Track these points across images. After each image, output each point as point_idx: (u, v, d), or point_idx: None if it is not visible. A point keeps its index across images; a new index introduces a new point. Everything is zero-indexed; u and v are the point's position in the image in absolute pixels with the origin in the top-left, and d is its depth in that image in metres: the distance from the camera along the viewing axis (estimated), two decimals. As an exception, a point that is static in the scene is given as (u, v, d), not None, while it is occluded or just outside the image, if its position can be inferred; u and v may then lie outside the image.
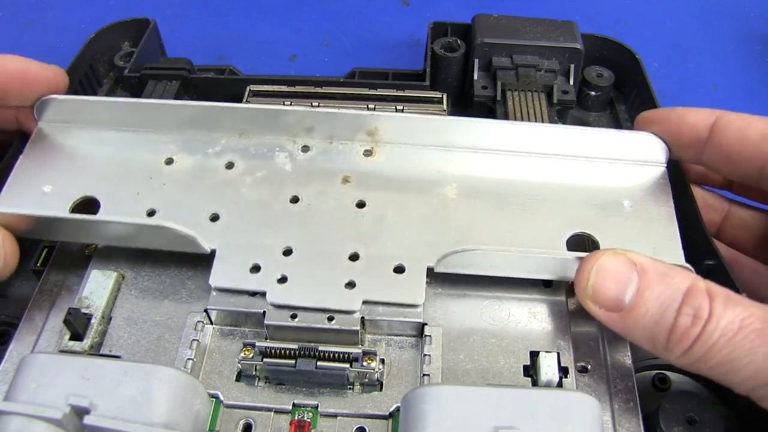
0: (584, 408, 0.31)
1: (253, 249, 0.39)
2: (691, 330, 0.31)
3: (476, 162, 0.44)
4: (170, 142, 0.45)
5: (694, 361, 0.32)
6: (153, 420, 0.30)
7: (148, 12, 0.61)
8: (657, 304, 0.32)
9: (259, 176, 0.43)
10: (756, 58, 0.71)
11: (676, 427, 0.35)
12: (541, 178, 0.43)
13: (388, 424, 0.36)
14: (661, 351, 0.33)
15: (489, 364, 0.37)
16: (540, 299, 0.40)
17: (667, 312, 0.32)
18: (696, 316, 0.31)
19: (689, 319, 0.31)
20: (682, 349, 0.32)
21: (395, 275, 0.38)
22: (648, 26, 0.75)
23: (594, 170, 0.43)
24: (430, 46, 0.56)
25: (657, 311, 0.32)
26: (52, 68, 0.45)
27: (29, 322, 0.39)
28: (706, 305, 0.31)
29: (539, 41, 0.54)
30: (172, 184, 0.43)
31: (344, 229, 0.41)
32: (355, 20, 0.75)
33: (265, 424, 0.36)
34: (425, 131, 0.44)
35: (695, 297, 0.32)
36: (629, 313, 0.33)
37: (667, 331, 0.32)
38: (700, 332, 0.31)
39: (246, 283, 0.38)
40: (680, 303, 0.32)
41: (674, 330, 0.32)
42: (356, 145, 0.45)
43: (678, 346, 0.32)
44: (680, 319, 0.32)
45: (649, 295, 0.32)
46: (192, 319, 0.39)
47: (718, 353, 0.31)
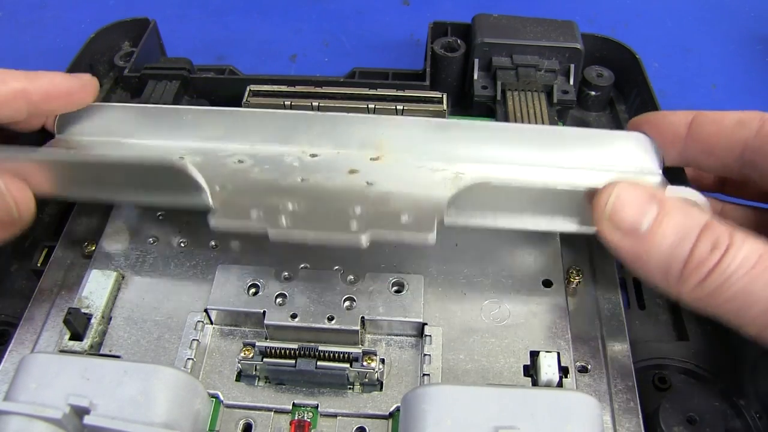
0: (584, 408, 0.31)
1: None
2: (708, 259, 0.31)
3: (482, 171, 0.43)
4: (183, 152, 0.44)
5: (706, 294, 0.31)
6: (153, 420, 0.30)
7: (148, 12, 0.61)
8: (675, 232, 0.32)
9: None
10: (756, 58, 0.71)
11: (676, 427, 0.35)
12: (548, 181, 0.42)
13: (388, 424, 0.36)
14: (674, 283, 0.32)
15: (489, 364, 0.37)
16: (540, 299, 0.40)
17: (685, 240, 0.32)
18: (715, 246, 0.31)
19: (708, 247, 0.31)
20: (696, 280, 0.31)
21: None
22: (648, 26, 0.75)
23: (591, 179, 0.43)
24: (430, 46, 0.56)
25: (675, 239, 0.32)
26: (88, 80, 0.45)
27: (29, 322, 0.39)
28: (726, 237, 0.31)
29: (539, 41, 0.54)
30: None
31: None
32: (355, 20, 0.75)
33: (265, 424, 0.36)
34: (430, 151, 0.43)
35: (714, 229, 0.32)
36: (646, 239, 0.32)
37: (683, 259, 0.31)
38: (718, 261, 0.31)
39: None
40: (699, 233, 0.32)
41: (691, 258, 0.31)
42: None
43: (693, 276, 0.31)
44: (699, 247, 0.31)
45: (668, 223, 0.32)
46: (192, 319, 0.39)
47: (734, 285, 0.30)
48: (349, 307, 0.38)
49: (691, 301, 0.32)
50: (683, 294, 0.32)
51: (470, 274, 0.41)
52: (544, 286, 0.40)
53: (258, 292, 0.39)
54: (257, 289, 0.39)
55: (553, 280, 0.41)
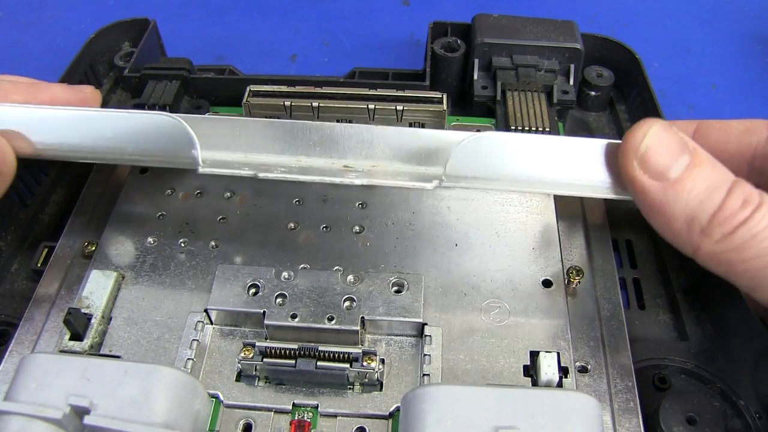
0: (584, 408, 0.31)
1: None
2: (739, 213, 0.30)
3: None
4: None
5: (729, 249, 0.31)
6: (153, 420, 0.30)
7: (148, 12, 0.61)
8: (706, 184, 0.31)
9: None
10: (756, 58, 0.71)
11: (676, 427, 0.35)
12: None
13: (388, 424, 0.36)
14: (697, 234, 0.31)
15: (489, 364, 0.37)
16: (540, 299, 0.40)
17: (715, 192, 0.31)
18: (747, 201, 0.30)
19: (739, 202, 0.30)
20: (722, 233, 0.30)
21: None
22: (648, 26, 0.75)
23: None
24: (430, 46, 0.56)
25: (704, 190, 0.31)
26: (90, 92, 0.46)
27: (29, 322, 0.39)
28: (757, 195, 0.31)
29: (539, 41, 0.54)
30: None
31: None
32: (355, 20, 0.75)
33: (265, 424, 0.36)
34: None
35: (745, 186, 0.31)
36: (674, 185, 0.32)
37: (712, 210, 0.31)
38: (748, 217, 0.30)
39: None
40: (731, 187, 0.31)
41: (721, 210, 0.31)
42: None
43: (719, 229, 0.31)
44: (730, 200, 0.31)
45: (699, 173, 0.31)
46: (192, 319, 0.39)
47: (760, 244, 0.30)
48: (349, 307, 0.38)
49: (710, 255, 0.31)
50: (703, 247, 0.31)
51: (470, 274, 0.41)
52: (544, 286, 0.40)
53: (258, 292, 0.39)
54: (257, 289, 0.39)
55: (553, 280, 0.41)
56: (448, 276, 0.41)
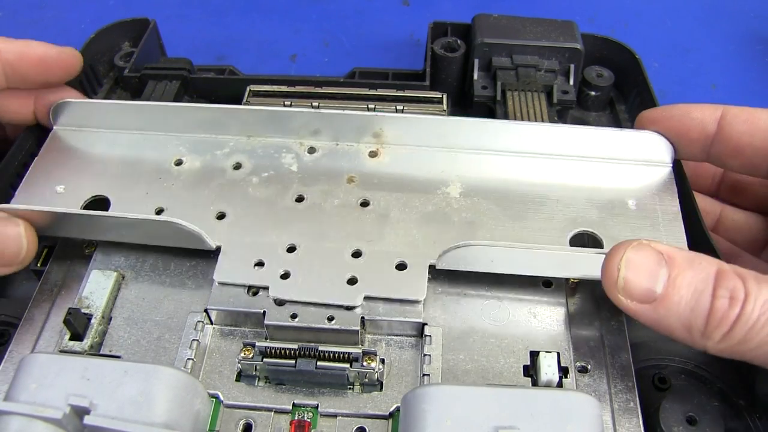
0: (584, 408, 0.31)
1: (258, 246, 0.40)
2: (729, 312, 0.30)
3: (480, 162, 0.44)
4: (180, 144, 0.46)
5: (733, 345, 0.31)
6: (153, 420, 0.30)
7: (148, 12, 0.61)
8: (690, 291, 0.31)
9: (266, 176, 0.44)
10: (756, 58, 0.71)
11: (676, 427, 0.35)
12: (545, 178, 0.44)
13: (388, 424, 0.36)
14: (698, 338, 0.32)
15: (489, 364, 0.37)
16: (540, 299, 0.40)
17: (702, 297, 0.31)
18: (733, 298, 0.30)
19: (726, 301, 0.30)
20: (721, 333, 0.31)
21: (397, 272, 0.39)
22: (648, 26, 0.75)
23: (598, 170, 0.44)
24: (430, 46, 0.56)
25: (691, 297, 0.31)
26: (69, 51, 0.46)
27: (29, 322, 0.39)
28: (741, 285, 0.31)
29: (539, 41, 0.54)
30: (180, 183, 0.44)
31: (347, 227, 0.41)
32: (355, 20, 0.75)
33: (265, 424, 0.36)
34: (430, 133, 0.45)
35: (727, 278, 0.31)
36: (662, 303, 0.32)
37: (704, 317, 0.31)
38: (740, 313, 0.30)
39: (249, 278, 0.39)
40: (713, 286, 0.31)
41: (712, 314, 0.31)
42: (362, 146, 0.46)
43: (717, 331, 0.31)
44: (717, 302, 0.31)
45: (681, 282, 0.32)
46: (192, 319, 0.39)
47: (760, 332, 0.30)
48: (349, 306, 0.38)
49: (719, 352, 0.32)
50: (710, 347, 0.32)
51: (470, 274, 0.41)
52: (544, 286, 0.40)
53: (258, 292, 0.39)
54: (257, 289, 0.39)
55: (553, 280, 0.41)
56: (448, 276, 0.41)
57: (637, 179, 0.43)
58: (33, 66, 0.44)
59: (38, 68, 0.44)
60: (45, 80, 0.45)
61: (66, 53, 0.45)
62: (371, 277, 0.38)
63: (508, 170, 0.44)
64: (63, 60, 0.45)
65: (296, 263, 0.39)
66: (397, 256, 0.39)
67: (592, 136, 0.44)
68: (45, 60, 0.44)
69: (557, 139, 0.44)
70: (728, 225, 0.46)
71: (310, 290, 0.38)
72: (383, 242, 0.40)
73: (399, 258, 0.39)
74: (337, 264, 0.39)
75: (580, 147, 0.44)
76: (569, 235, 0.41)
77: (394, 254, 0.40)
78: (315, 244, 0.40)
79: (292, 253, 0.40)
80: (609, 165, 0.44)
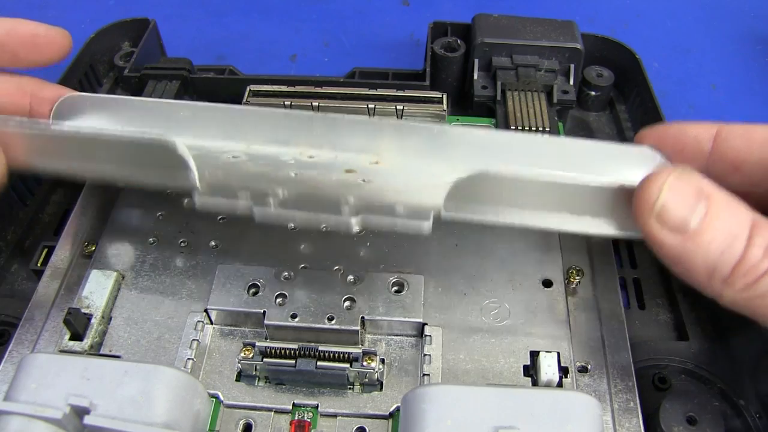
0: (584, 408, 0.31)
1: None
2: (761, 263, 0.30)
3: None
4: None
5: (753, 297, 0.30)
6: (153, 420, 0.30)
7: (148, 12, 0.61)
8: (725, 234, 0.31)
9: None
10: (756, 58, 0.71)
11: (676, 427, 0.35)
12: None
13: (388, 424, 0.36)
14: (718, 283, 0.31)
15: (489, 364, 0.37)
16: (540, 299, 0.40)
17: (735, 242, 0.30)
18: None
19: (760, 251, 0.30)
20: (745, 283, 0.30)
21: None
22: (648, 26, 0.75)
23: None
24: (430, 46, 0.56)
25: (724, 240, 0.30)
26: (58, 31, 0.45)
27: (29, 322, 0.39)
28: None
29: (539, 41, 0.54)
30: None
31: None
32: (355, 20, 0.75)
33: (265, 424, 0.36)
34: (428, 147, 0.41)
35: (764, 230, 0.30)
36: (694, 238, 0.31)
37: (733, 262, 0.30)
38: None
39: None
40: (749, 234, 0.30)
41: (743, 261, 0.30)
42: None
43: (742, 279, 0.30)
44: (751, 250, 0.30)
45: (716, 223, 0.31)
46: (192, 319, 0.39)
47: None
48: (349, 307, 0.38)
49: (733, 302, 0.31)
50: (726, 295, 0.31)
51: (470, 274, 0.41)
52: (544, 286, 0.40)
53: (258, 292, 0.39)
54: (257, 289, 0.39)
55: (553, 280, 0.41)
56: (449, 276, 0.41)
57: None
58: (21, 44, 0.43)
59: (27, 46, 0.43)
60: (34, 59, 0.44)
61: (56, 32, 0.44)
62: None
63: None
64: (52, 38, 0.44)
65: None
66: (395, 277, 0.40)
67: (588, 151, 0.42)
68: (34, 38, 0.43)
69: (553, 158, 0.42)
70: None
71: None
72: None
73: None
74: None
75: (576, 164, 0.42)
76: None
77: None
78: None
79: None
80: None
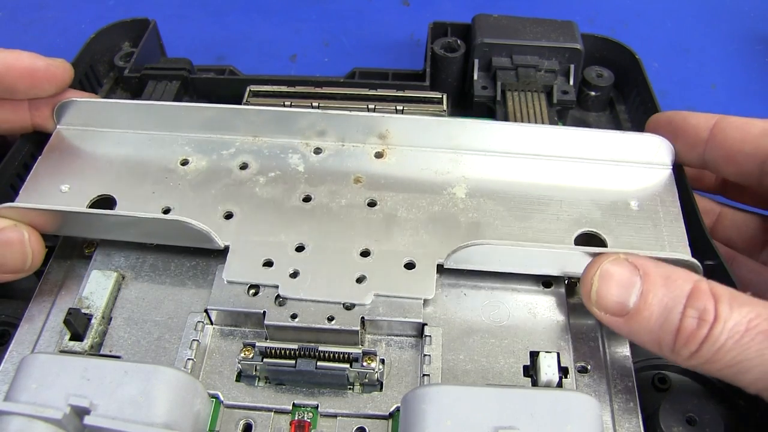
0: (584, 408, 0.31)
1: (266, 245, 0.40)
2: (697, 332, 0.31)
3: (485, 164, 0.45)
4: (185, 144, 0.46)
5: (702, 363, 0.31)
6: (153, 420, 0.30)
7: (148, 12, 0.61)
8: (660, 308, 0.32)
9: (272, 177, 0.44)
10: (756, 58, 0.71)
11: (676, 427, 0.35)
12: (549, 180, 0.44)
13: (388, 424, 0.36)
14: (668, 353, 0.33)
15: (489, 364, 0.37)
16: (540, 299, 0.40)
17: (671, 315, 0.32)
18: (701, 319, 0.31)
19: (695, 321, 0.31)
20: (689, 352, 0.31)
21: (405, 271, 0.39)
22: (648, 26, 0.75)
23: (600, 172, 0.44)
24: (430, 46, 0.56)
25: (661, 314, 0.32)
26: (58, 64, 0.45)
27: (29, 322, 0.39)
28: (711, 307, 0.31)
29: (539, 41, 0.54)
30: (187, 183, 0.44)
31: (355, 227, 0.41)
32: (355, 20, 0.75)
33: (265, 424, 0.36)
34: (435, 134, 0.45)
35: (699, 299, 0.32)
36: (633, 317, 0.33)
37: (672, 334, 0.32)
38: (707, 335, 0.31)
39: (258, 277, 0.39)
40: (684, 305, 0.32)
41: (680, 332, 0.31)
42: (367, 147, 0.46)
43: (685, 349, 0.31)
44: (685, 322, 0.31)
45: (652, 299, 0.32)
46: (192, 319, 0.39)
47: (726, 355, 0.30)
48: (349, 307, 0.38)
49: (689, 367, 0.33)
50: (680, 362, 0.33)
51: (470, 275, 0.41)
52: (544, 286, 0.40)
53: (258, 292, 0.39)
54: (257, 289, 0.39)
55: (553, 280, 0.41)
56: (448, 276, 0.41)
57: (638, 181, 0.43)
58: (20, 78, 0.43)
59: (25, 80, 0.43)
60: (33, 93, 0.45)
61: (55, 66, 0.45)
62: (380, 275, 0.39)
63: (513, 171, 0.44)
64: (51, 73, 0.44)
65: (305, 262, 0.39)
66: (406, 256, 0.40)
67: (595, 138, 0.44)
68: (33, 73, 0.44)
69: (561, 141, 0.44)
70: (727, 224, 0.47)
71: (319, 289, 0.38)
72: (391, 242, 0.41)
73: (407, 257, 0.40)
74: (346, 263, 0.39)
75: (583, 149, 0.44)
76: (574, 235, 0.41)
77: (403, 253, 0.40)
78: (323, 243, 0.40)
79: (301, 253, 0.40)
80: (611, 167, 0.44)
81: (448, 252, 0.39)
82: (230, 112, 0.46)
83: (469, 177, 0.44)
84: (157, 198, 0.43)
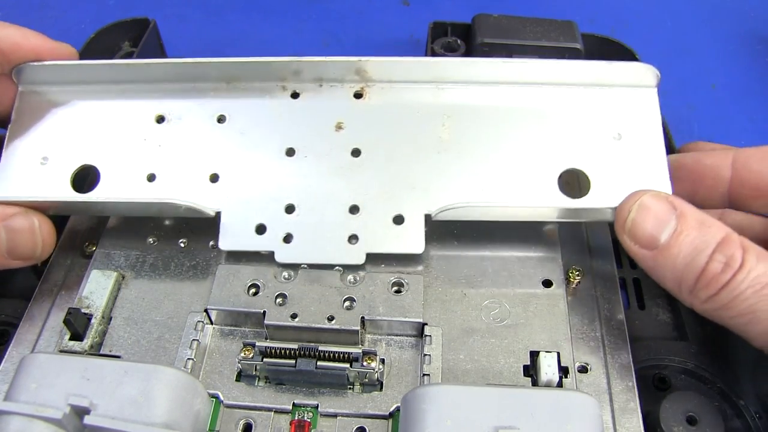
0: (584, 408, 0.31)
1: (256, 208, 0.40)
2: (720, 276, 0.32)
3: (467, 95, 0.43)
4: (158, 99, 0.44)
5: (717, 308, 0.32)
6: (153, 420, 0.30)
7: (148, 12, 0.61)
8: (690, 248, 0.33)
9: (252, 127, 0.43)
10: (756, 58, 0.71)
11: (676, 427, 0.35)
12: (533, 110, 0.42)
13: (388, 424, 0.36)
14: (686, 294, 0.33)
15: (489, 364, 0.37)
16: (540, 299, 0.40)
17: (699, 256, 0.32)
18: (728, 264, 0.32)
19: (720, 265, 0.32)
20: (707, 295, 0.32)
21: (395, 226, 0.40)
22: (648, 26, 0.75)
23: (584, 98, 0.42)
24: (430, 46, 0.56)
25: (689, 254, 0.33)
26: (64, 48, 0.45)
27: (29, 322, 0.39)
28: (739, 255, 0.32)
29: (539, 41, 0.54)
30: (167, 144, 0.42)
31: (341, 180, 0.41)
32: (355, 20, 0.75)
33: (265, 424, 0.36)
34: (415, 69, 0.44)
35: (729, 246, 0.32)
36: (662, 252, 0.33)
37: (696, 275, 0.32)
38: (729, 280, 0.31)
39: (253, 244, 0.39)
40: (713, 249, 0.32)
41: (704, 274, 0.32)
42: (346, 86, 0.44)
43: (704, 291, 0.32)
44: (711, 265, 0.32)
45: (684, 238, 0.33)
46: (192, 319, 0.39)
47: (743, 303, 0.31)
48: (349, 307, 0.38)
49: (702, 311, 0.33)
50: (695, 305, 0.33)
51: (470, 274, 0.41)
52: (544, 286, 0.40)
53: (258, 292, 0.39)
54: (257, 289, 0.39)
55: (553, 280, 0.41)
56: (449, 276, 0.41)
57: (622, 105, 0.42)
58: (25, 58, 0.43)
59: (31, 60, 0.43)
60: None
61: (60, 50, 0.44)
62: (370, 233, 0.39)
63: (496, 102, 0.42)
64: (57, 56, 0.44)
65: (296, 224, 0.40)
66: (394, 208, 0.40)
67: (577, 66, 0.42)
68: (39, 54, 0.43)
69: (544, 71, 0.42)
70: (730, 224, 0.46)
71: (314, 252, 0.39)
72: (378, 193, 0.40)
73: (395, 211, 0.40)
74: (337, 223, 0.40)
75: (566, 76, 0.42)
76: (558, 173, 0.40)
77: (390, 205, 0.40)
78: (312, 201, 0.41)
79: (292, 214, 0.40)
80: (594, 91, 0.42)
81: (435, 202, 0.39)
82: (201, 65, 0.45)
83: (452, 112, 0.42)
84: (140, 165, 0.42)
